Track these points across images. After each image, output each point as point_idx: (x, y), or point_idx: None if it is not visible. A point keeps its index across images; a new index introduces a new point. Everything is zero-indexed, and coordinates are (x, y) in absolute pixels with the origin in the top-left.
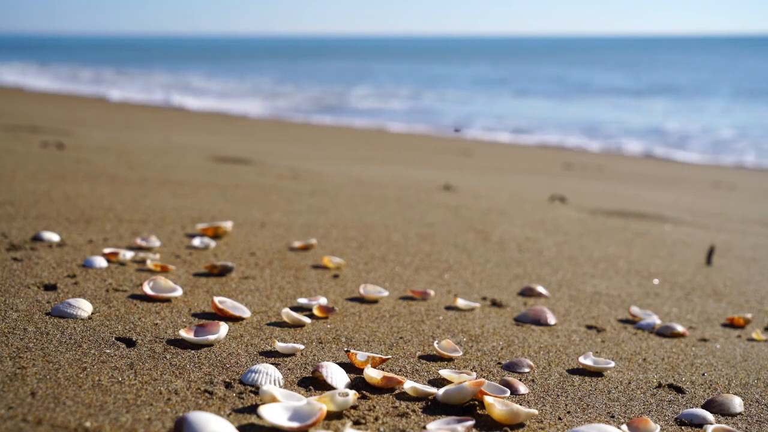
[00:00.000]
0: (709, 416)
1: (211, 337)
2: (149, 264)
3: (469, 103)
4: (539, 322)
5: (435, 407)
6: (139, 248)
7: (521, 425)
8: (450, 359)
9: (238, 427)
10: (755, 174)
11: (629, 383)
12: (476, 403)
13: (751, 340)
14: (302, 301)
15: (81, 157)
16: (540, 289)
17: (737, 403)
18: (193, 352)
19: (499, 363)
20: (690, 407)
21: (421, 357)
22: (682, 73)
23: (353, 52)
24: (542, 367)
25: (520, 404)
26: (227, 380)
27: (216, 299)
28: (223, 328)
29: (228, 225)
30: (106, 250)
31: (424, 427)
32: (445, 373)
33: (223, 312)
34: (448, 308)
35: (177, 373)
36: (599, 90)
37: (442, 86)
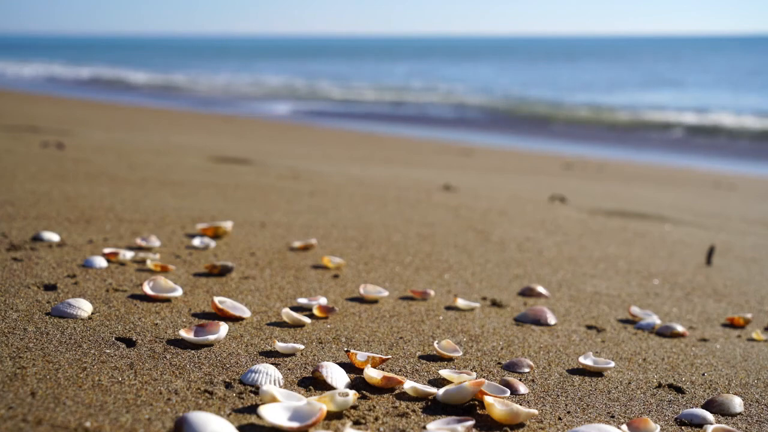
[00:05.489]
0: (709, 416)
1: (211, 337)
2: (149, 264)
3: None
4: (539, 322)
5: (435, 407)
6: (139, 248)
7: (521, 425)
8: (450, 359)
9: (238, 427)
10: (756, 174)
11: (629, 383)
12: (476, 403)
13: (751, 340)
14: (302, 301)
15: (81, 157)
16: (540, 289)
17: (737, 403)
18: (193, 352)
19: (499, 363)
20: (690, 407)
21: (421, 357)
22: None
23: (356, 52)
24: (542, 367)
25: (520, 404)
26: (227, 380)
27: (216, 299)
28: (223, 328)
29: (228, 225)
30: (106, 250)
31: (424, 427)
32: (445, 373)
33: (223, 312)
34: (448, 308)
35: (177, 373)
36: None
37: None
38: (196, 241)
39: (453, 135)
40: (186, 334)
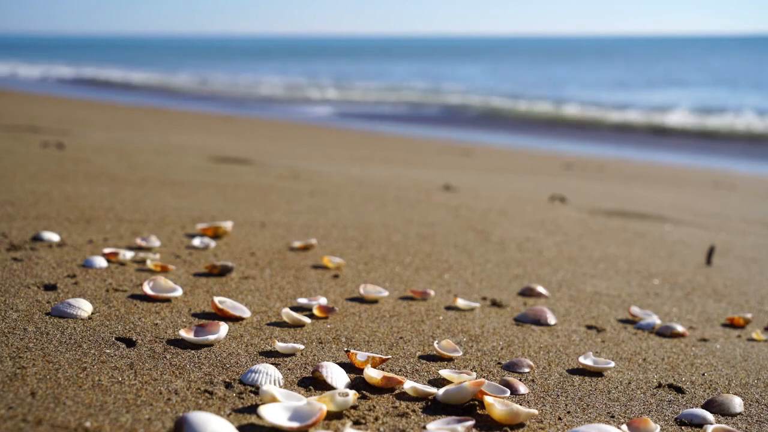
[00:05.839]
0: (709, 416)
1: (211, 337)
2: (149, 264)
3: None
4: (539, 322)
5: (435, 407)
6: (139, 248)
7: (521, 425)
8: (450, 359)
9: (238, 427)
10: (755, 174)
11: (629, 383)
12: (476, 403)
13: (751, 340)
14: (302, 301)
15: (81, 157)
16: (540, 289)
17: (737, 403)
18: (193, 352)
19: (499, 363)
20: (690, 407)
21: (421, 357)
22: None
23: (359, 52)
24: (542, 367)
25: (520, 404)
26: (227, 380)
27: (216, 299)
28: (223, 328)
29: (228, 225)
30: (106, 250)
31: (424, 427)
32: (445, 373)
33: (223, 312)
34: (448, 308)
35: (177, 373)
36: None
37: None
38: (196, 241)
39: (487, 138)
40: (186, 334)
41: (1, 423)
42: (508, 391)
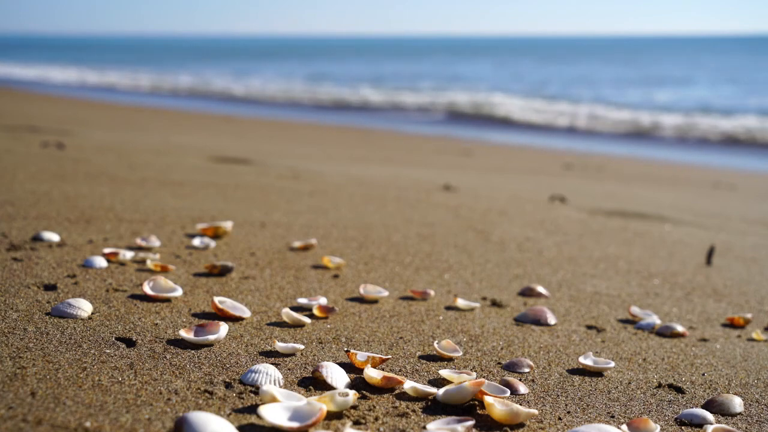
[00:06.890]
0: (709, 416)
1: (211, 337)
2: (149, 264)
3: None
4: (539, 322)
5: (435, 407)
6: (139, 248)
7: (521, 425)
8: (450, 359)
9: (238, 427)
10: (755, 174)
11: (629, 383)
12: (476, 403)
13: (751, 340)
14: (302, 301)
15: (81, 157)
16: (540, 289)
17: (737, 403)
18: (193, 352)
19: (499, 363)
20: (690, 407)
21: (421, 357)
22: None
23: (363, 52)
24: (542, 367)
25: (520, 404)
26: (227, 380)
27: (216, 299)
28: (223, 328)
29: (228, 225)
30: (106, 250)
31: (424, 427)
32: (445, 373)
33: (223, 312)
34: (448, 308)
35: (177, 373)
36: None
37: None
38: (196, 241)
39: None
40: (186, 334)
41: (1, 423)
42: (508, 391)
